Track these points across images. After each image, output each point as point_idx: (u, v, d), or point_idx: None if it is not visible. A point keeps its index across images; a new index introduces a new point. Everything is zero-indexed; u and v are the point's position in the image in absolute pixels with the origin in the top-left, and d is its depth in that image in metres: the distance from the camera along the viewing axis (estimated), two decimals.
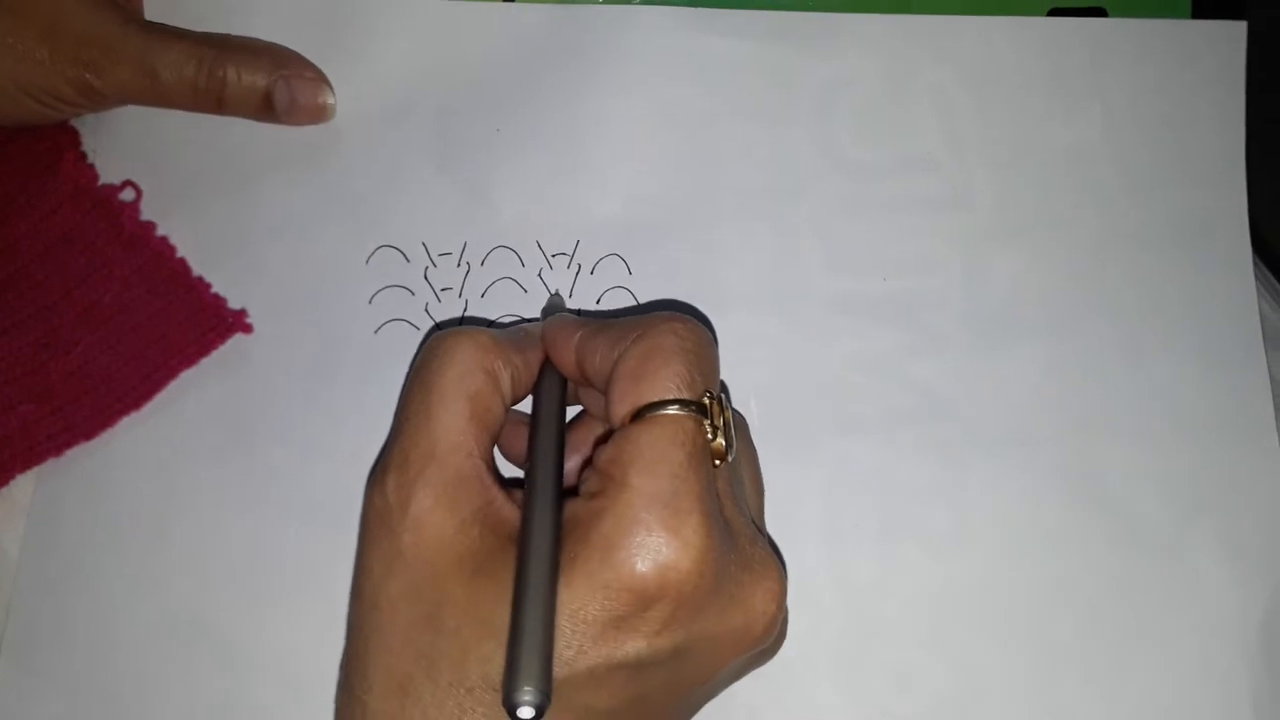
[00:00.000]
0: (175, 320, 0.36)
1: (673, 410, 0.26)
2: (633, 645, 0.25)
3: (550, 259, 0.38)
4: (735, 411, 0.32)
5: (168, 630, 0.34)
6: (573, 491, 0.28)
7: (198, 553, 0.34)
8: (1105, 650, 0.34)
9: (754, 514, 0.31)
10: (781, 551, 0.35)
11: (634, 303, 0.37)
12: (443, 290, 0.37)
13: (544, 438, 0.29)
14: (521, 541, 0.26)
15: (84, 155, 0.37)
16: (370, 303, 0.37)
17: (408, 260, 0.37)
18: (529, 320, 0.37)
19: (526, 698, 0.23)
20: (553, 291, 0.37)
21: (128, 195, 0.37)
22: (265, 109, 0.37)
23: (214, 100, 0.37)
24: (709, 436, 0.27)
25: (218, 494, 0.35)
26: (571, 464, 0.31)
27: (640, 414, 0.27)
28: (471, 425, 0.27)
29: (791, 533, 0.35)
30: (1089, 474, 0.36)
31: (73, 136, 0.38)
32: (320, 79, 0.38)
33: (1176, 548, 0.35)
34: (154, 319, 0.36)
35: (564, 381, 0.31)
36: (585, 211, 0.38)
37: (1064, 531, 0.35)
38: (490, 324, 0.37)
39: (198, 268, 0.37)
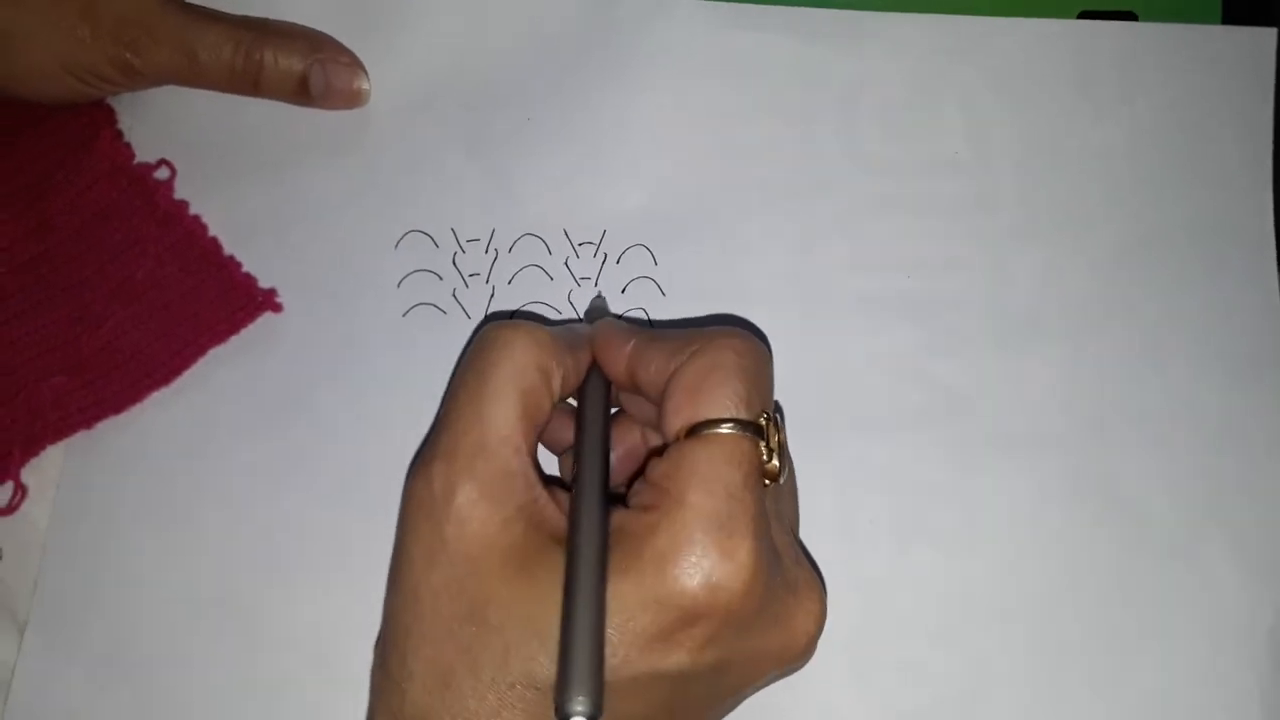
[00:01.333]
0: (206, 298, 0.36)
1: (729, 429, 0.26)
2: (676, 659, 0.26)
3: (577, 248, 0.38)
4: None
5: (194, 604, 0.34)
6: (617, 496, 0.28)
7: (224, 528, 0.35)
8: (1114, 652, 0.34)
9: (791, 526, 0.31)
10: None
11: (660, 295, 0.37)
12: (470, 276, 0.37)
13: (590, 444, 0.29)
14: (570, 548, 0.26)
15: (120, 133, 0.38)
16: (399, 286, 0.37)
17: (436, 245, 0.38)
18: (569, 320, 0.37)
19: (579, 708, 0.24)
20: (578, 279, 0.37)
21: (162, 174, 0.38)
22: (300, 92, 0.38)
23: (250, 82, 0.37)
24: (764, 457, 0.27)
25: (245, 470, 0.35)
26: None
27: (696, 430, 0.27)
28: (522, 421, 0.27)
29: (806, 527, 0.35)
30: (1103, 476, 0.36)
31: (109, 115, 0.38)
32: (356, 64, 0.38)
33: (1188, 552, 0.35)
34: (185, 296, 0.36)
35: (609, 385, 0.31)
36: (612, 202, 0.38)
37: (1076, 533, 0.35)
38: (530, 316, 0.37)
39: (229, 247, 0.37)
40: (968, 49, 0.40)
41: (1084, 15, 0.41)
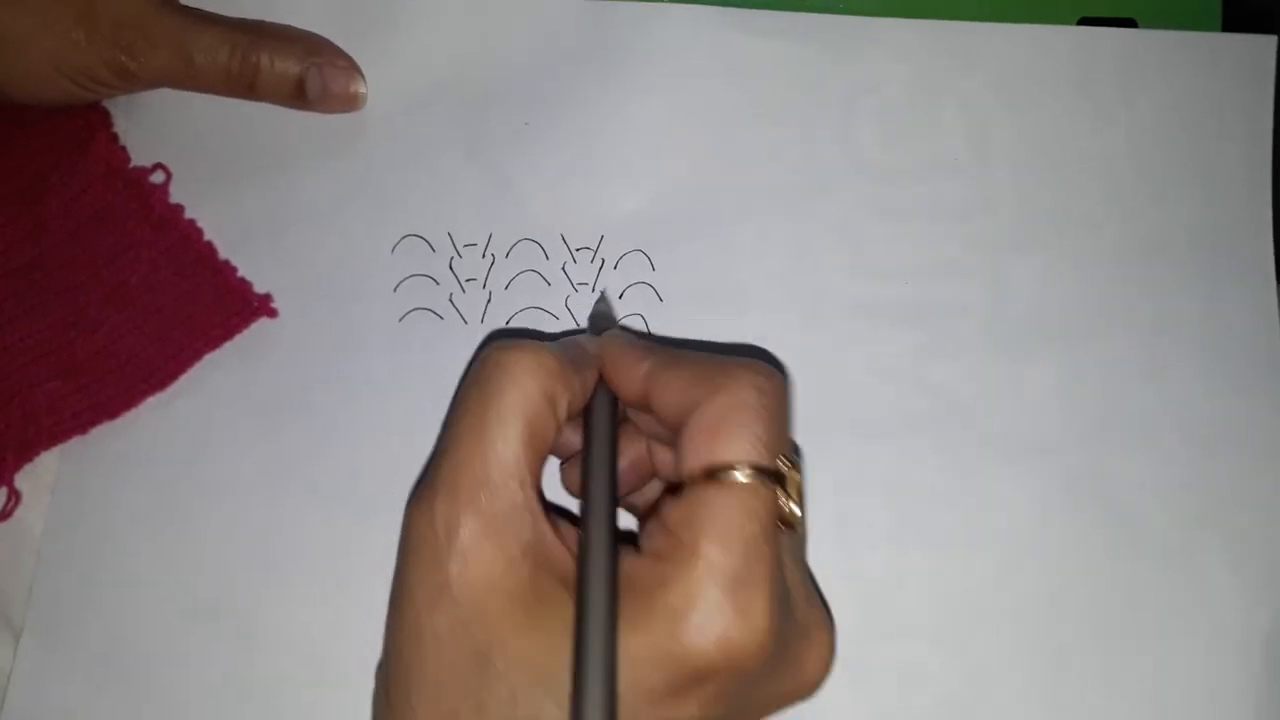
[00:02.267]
0: (201, 302, 0.36)
1: (747, 475, 0.25)
2: (686, 711, 0.25)
3: (574, 253, 0.38)
4: None
5: (189, 609, 0.34)
6: (626, 535, 0.27)
7: (219, 533, 0.35)
8: (1111, 656, 0.35)
9: (802, 558, 0.31)
10: None
11: (657, 300, 0.37)
12: (467, 281, 0.37)
13: (597, 478, 0.28)
14: (580, 597, 0.25)
15: (116, 136, 0.38)
16: (395, 291, 0.37)
17: (433, 250, 0.37)
18: (568, 328, 0.37)
19: None
20: (575, 284, 0.37)
21: (158, 177, 0.37)
22: (297, 96, 0.37)
23: (246, 86, 0.37)
24: (781, 505, 0.26)
25: (240, 476, 0.35)
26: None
27: (714, 474, 0.26)
28: (527, 451, 0.26)
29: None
30: (1101, 481, 0.36)
31: (104, 117, 0.38)
32: (352, 68, 0.38)
33: (1185, 557, 0.35)
34: (180, 301, 0.36)
35: (616, 403, 0.30)
36: (610, 207, 0.38)
37: (1073, 539, 0.36)
38: (528, 327, 0.37)
39: (224, 251, 0.37)
40: (967, 55, 0.40)
41: (1084, 22, 0.41)
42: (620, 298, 0.37)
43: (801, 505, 0.27)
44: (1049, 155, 0.39)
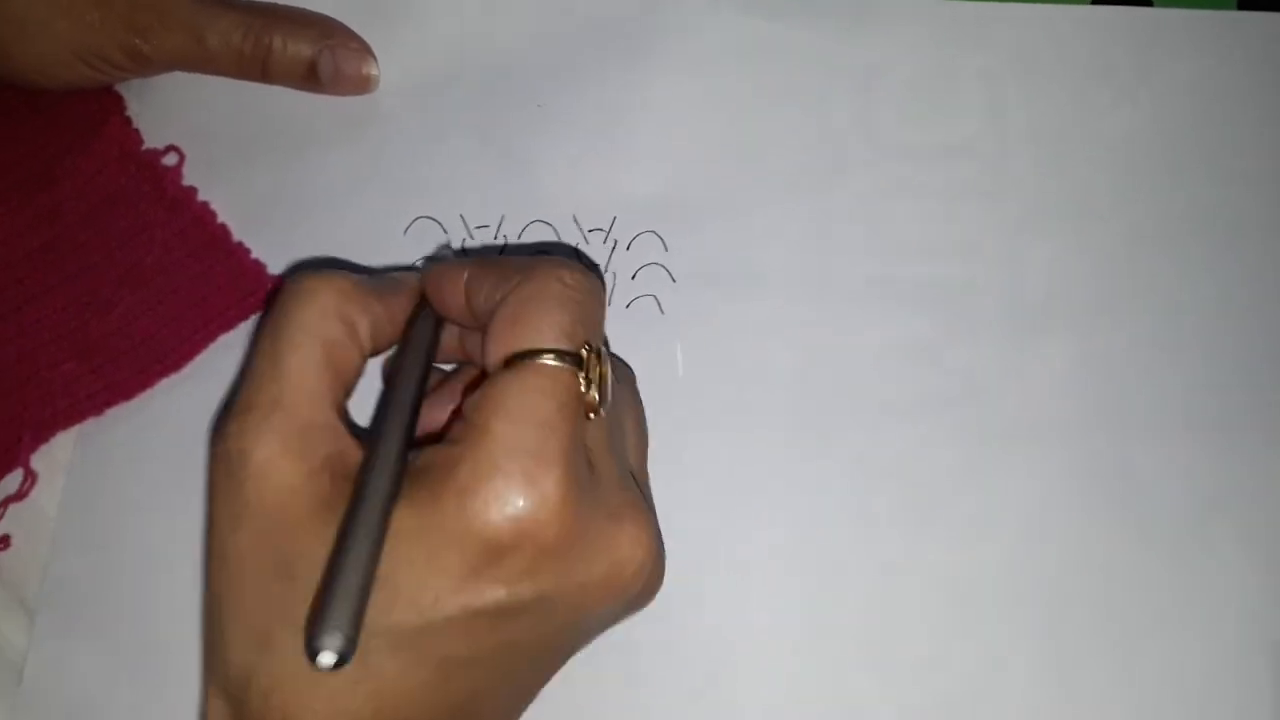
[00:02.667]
0: (215, 284, 0.36)
1: (548, 360, 0.26)
2: (491, 594, 0.25)
3: (587, 234, 0.38)
4: (622, 363, 0.32)
5: (202, 589, 0.34)
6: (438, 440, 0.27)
7: None
8: (1125, 640, 0.34)
9: (635, 466, 0.30)
10: (807, 532, 0.35)
11: (670, 281, 0.37)
12: None
13: (402, 380, 0.27)
14: (357, 485, 0.25)
15: (129, 119, 0.38)
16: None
17: (445, 232, 0.38)
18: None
19: (329, 644, 0.22)
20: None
21: (171, 160, 0.38)
22: (310, 78, 0.37)
23: (259, 68, 0.37)
24: (583, 389, 0.26)
25: None
26: (445, 415, 0.30)
27: (514, 361, 0.26)
28: (325, 373, 0.27)
29: (820, 514, 0.35)
30: (1115, 464, 0.36)
31: (117, 100, 0.38)
32: (365, 50, 0.38)
33: (1198, 543, 0.35)
34: (194, 282, 0.36)
35: (438, 325, 0.30)
36: (623, 188, 0.38)
37: (1088, 521, 0.35)
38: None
39: (238, 233, 0.37)
40: (983, 35, 0.40)
41: (1099, 1, 0.41)
42: (633, 278, 0.37)
43: (604, 394, 0.27)
44: (1065, 135, 0.39)
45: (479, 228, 0.38)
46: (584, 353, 0.26)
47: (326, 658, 0.22)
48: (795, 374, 0.36)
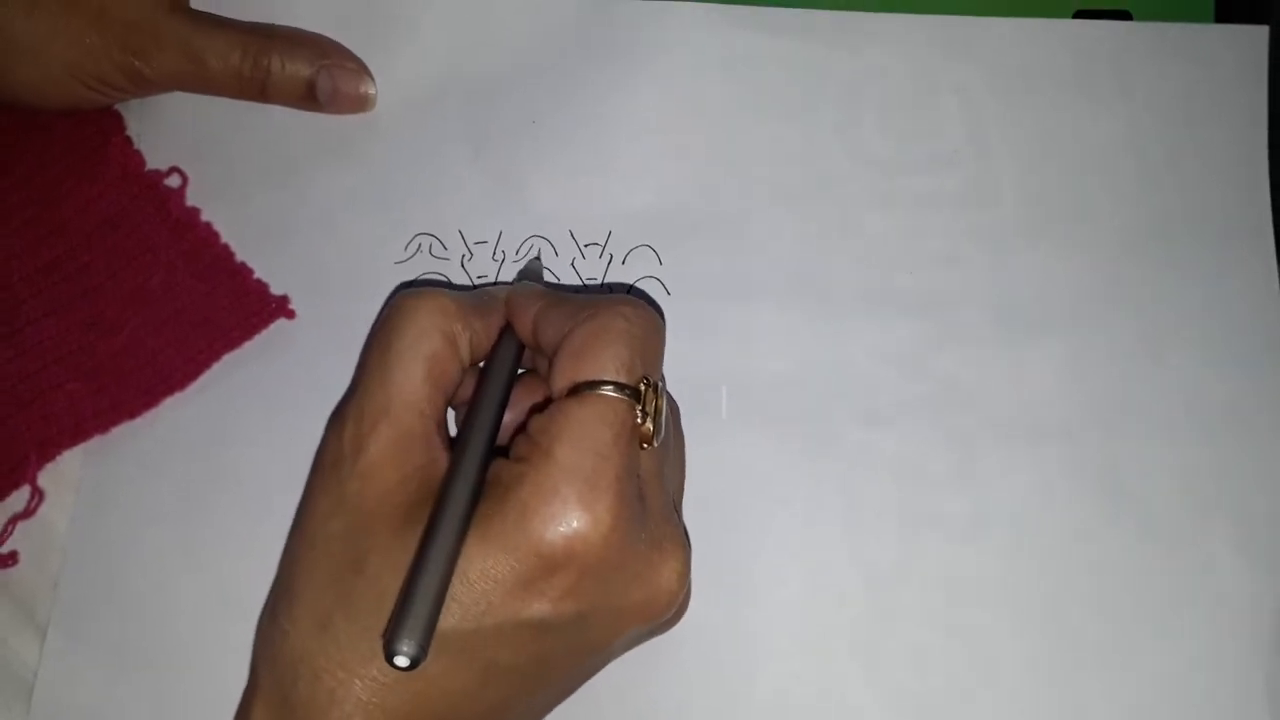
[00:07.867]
0: (219, 304, 0.36)
1: (608, 391, 0.28)
2: (538, 607, 0.27)
3: (583, 249, 0.38)
4: (670, 399, 0.33)
5: (213, 605, 0.34)
6: (505, 451, 0.29)
7: (240, 530, 0.35)
8: (1118, 639, 0.35)
9: (675, 496, 0.32)
10: (804, 538, 0.36)
11: (665, 294, 0.38)
12: (479, 278, 0.38)
13: (485, 397, 0.30)
14: (440, 495, 0.27)
15: (129, 140, 0.38)
16: None
17: (445, 248, 0.38)
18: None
19: (405, 648, 0.24)
20: (584, 280, 0.38)
21: (173, 181, 0.38)
22: (308, 98, 0.38)
23: (258, 88, 0.37)
24: (638, 420, 0.28)
25: (260, 473, 0.36)
26: (515, 420, 0.32)
27: (577, 390, 0.28)
28: (425, 385, 0.29)
29: (813, 519, 0.36)
30: (1107, 467, 0.37)
31: (118, 121, 0.38)
32: (362, 69, 0.38)
33: (1193, 540, 0.36)
34: (198, 303, 0.36)
35: (520, 347, 0.32)
36: (617, 203, 0.39)
37: (1080, 523, 0.36)
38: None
39: (240, 254, 0.37)
40: (966, 48, 0.40)
41: (1079, 15, 0.41)
42: (628, 292, 0.38)
43: (659, 426, 0.28)
44: (1048, 146, 0.40)
45: (478, 243, 0.38)
46: (642, 386, 0.28)
47: (402, 660, 0.24)
48: (789, 381, 0.37)
